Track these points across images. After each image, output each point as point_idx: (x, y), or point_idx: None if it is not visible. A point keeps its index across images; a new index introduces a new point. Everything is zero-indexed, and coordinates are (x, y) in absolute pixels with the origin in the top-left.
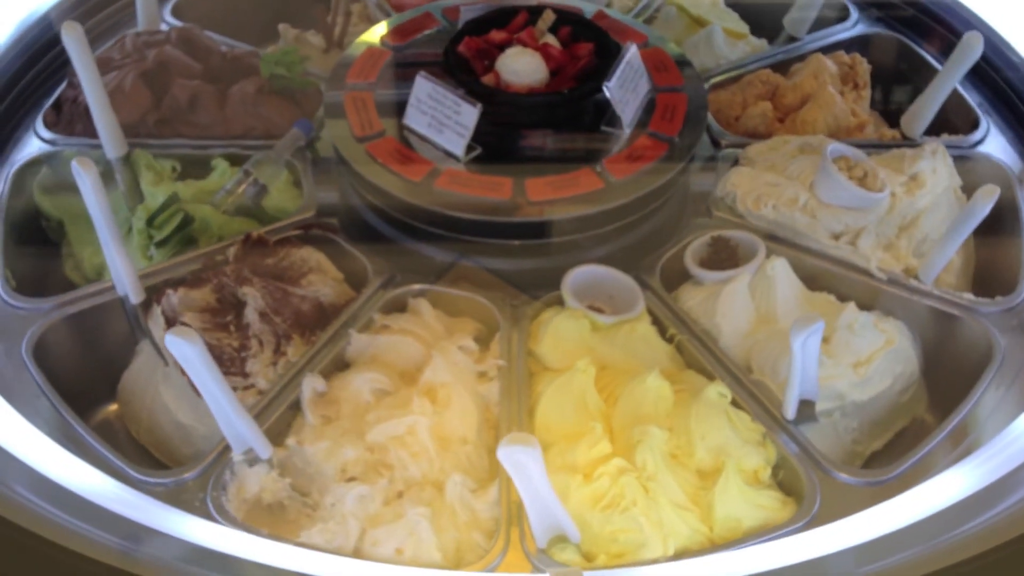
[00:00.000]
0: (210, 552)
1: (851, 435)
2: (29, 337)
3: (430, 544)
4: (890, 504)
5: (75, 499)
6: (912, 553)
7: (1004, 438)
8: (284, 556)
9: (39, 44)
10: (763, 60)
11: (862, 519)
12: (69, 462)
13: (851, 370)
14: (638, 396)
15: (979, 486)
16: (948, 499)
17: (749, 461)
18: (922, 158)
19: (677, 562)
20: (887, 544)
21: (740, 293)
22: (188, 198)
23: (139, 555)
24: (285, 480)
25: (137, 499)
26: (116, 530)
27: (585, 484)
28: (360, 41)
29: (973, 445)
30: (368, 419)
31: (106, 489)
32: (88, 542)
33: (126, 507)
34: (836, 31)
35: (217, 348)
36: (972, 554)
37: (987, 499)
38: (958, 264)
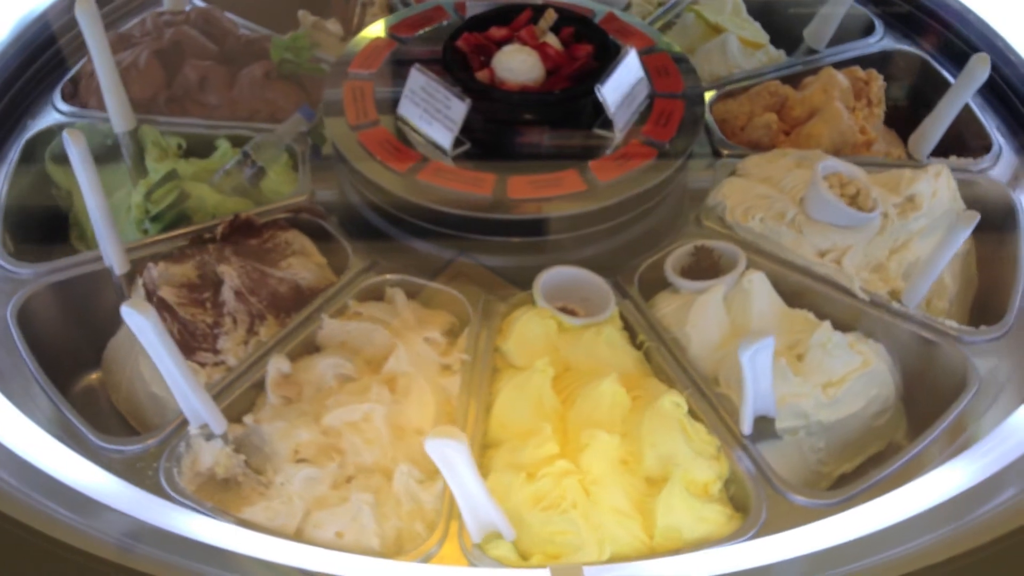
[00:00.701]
0: (149, 528)
1: (817, 455)
2: (15, 301)
3: (370, 531)
4: (831, 521)
5: (20, 463)
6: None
7: (964, 458)
8: (224, 534)
9: (68, 17)
10: (776, 71)
11: (800, 534)
12: (24, 426)
13: (819, 390)
14: (594, 399)
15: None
16: (889, 519)
17: (699, 473)
18: (920, 179)
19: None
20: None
21: (713, 304)
22: (188, 176)
23: (76, 525)
24: (240, 456)
25: (86, 467)
26: (58, 498)
27: (528, 483)
28: (369, 31)
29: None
30: (328, 403)
31: (58, 455)
32: (24, 507)
33: (74, 474)
34: (858, 46)
35: (191, 323)
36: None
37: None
38: (953, 290)
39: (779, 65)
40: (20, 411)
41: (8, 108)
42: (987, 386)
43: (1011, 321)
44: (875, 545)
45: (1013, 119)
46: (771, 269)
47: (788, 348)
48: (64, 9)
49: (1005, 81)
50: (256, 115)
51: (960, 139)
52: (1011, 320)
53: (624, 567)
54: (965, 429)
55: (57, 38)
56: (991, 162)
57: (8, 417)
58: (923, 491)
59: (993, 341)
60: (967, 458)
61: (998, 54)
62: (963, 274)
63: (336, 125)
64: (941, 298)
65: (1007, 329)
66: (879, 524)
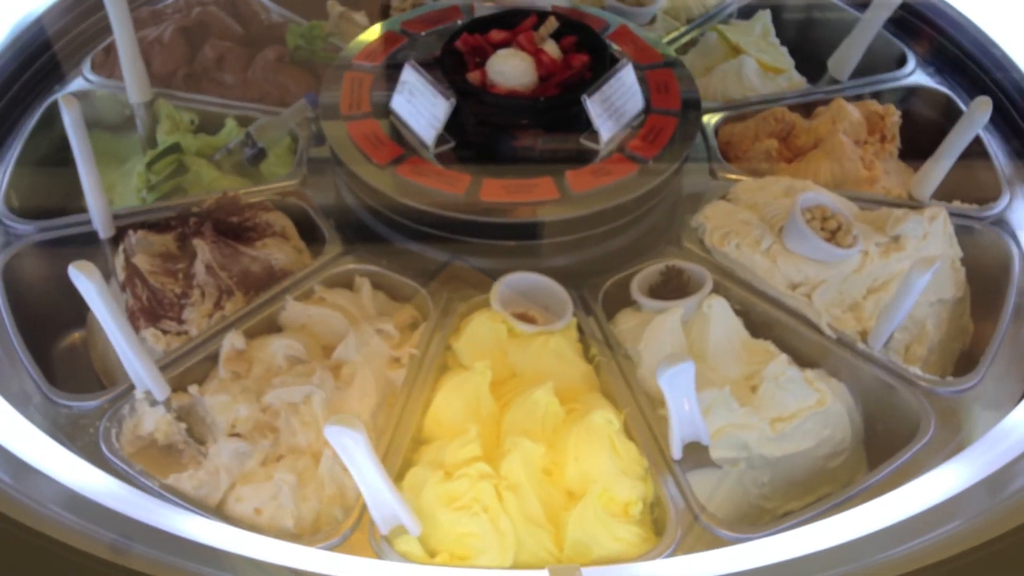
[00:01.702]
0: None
1: (760, 490)
2: (3, 255)
3: (287, 510)
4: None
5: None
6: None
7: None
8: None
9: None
10: (790, 98)
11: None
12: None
13: (767, 423)
14: (527, 407)
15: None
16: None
17: (621, 492)
18: (907, 220)
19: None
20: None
21: (670, 325)
22: (193, 151)
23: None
24: (181, 425)
25: (23, 424)
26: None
27: (444, 481)
28: (382, 25)
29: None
30: (273, 383)
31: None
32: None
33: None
34: (883, 79)
35: (160, 292)
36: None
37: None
38: (936, 338)
39: (794, 92)
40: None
41: (41, 74)
42: (941, 437)
43: (981, 374)
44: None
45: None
46: (742, 297)
47: (745, 378)
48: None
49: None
50: (266, 98)
51: (973, 184)
52: (981, 373)
53: (625, 568)
54: (911, 476)
55: (95, 9)
56: (997, 210)
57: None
58: (837, 527)
59: (958, 393)
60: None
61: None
62: (952, 323)
63: (329, 113)
64: (920, 344)
65: (975, 382)
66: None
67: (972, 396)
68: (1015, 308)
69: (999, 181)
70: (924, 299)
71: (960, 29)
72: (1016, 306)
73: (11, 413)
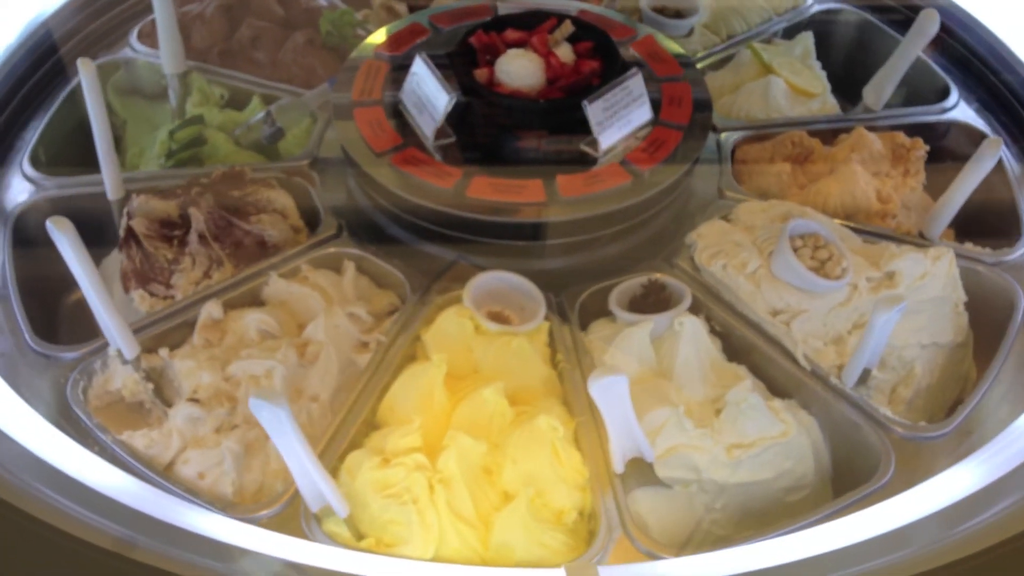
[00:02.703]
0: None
1: (711, 515)
2: (13, 208)
3: (228, 478)
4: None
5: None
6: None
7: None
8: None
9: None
10: (813, 123)
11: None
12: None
13: (722, 448)
14: (476, 404)
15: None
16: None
17: (556, 499)
18: (903, 257)
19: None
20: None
21: (639, 339)
22: (215, 124)
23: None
24: (149, 385)
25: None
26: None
27: (380, 468)
28: (411, 17)
29: None
30: (241, 354)
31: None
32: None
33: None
34: (917, 111)
35: (153, 256)
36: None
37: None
38: (926, 382)
39: (820, 117)
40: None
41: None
42: (899, 481)
43: (955, 423)
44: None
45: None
46: (723, 319)
47: (711, 400)
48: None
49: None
50: (294, 79)
51: (991, 223)
52: (955, 422)
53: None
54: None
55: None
56: (1013, 256)
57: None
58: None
59: (929, 440)
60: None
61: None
62: (948, 368)
63: (340, 98)
64: (907, 387)
65: (946, 431)
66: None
67: (944, 445)
68: (1006, 361)
69: (1022, 226)
70: (915, 340)
71: (1008, 66)
72: (1008, 360)
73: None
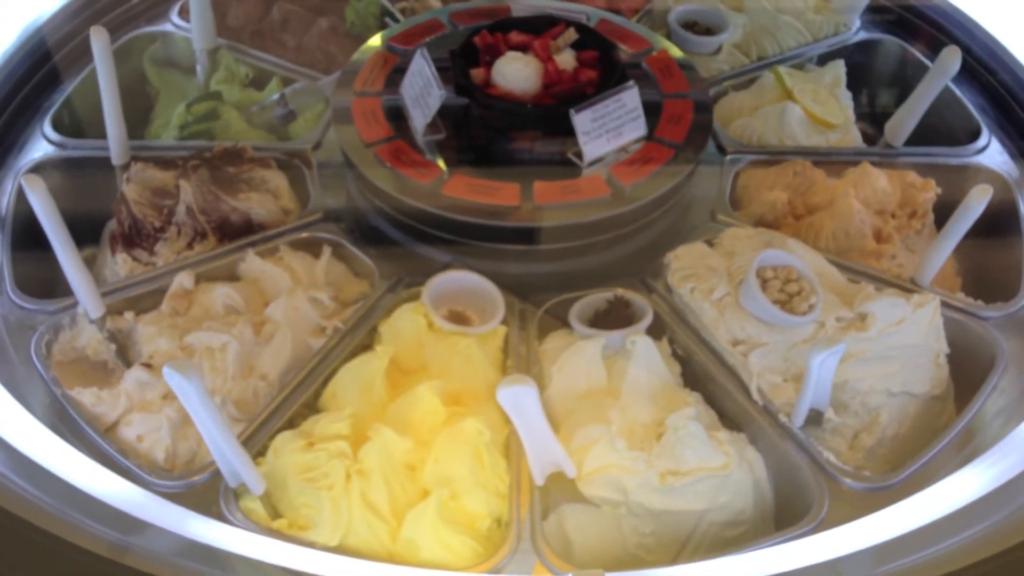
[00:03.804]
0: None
1: (638, 539)
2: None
3: (163, 444)
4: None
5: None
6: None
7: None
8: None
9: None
10: (820, 155)
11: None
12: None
13: (655, 473)
14: (411, 401)
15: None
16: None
17: (472, 503)
18: (878, 299)
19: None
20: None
21: (589, 353)
22: (233, 102)
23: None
24: (111, 345)
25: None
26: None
27: (303, 451)
28: (431, 13)
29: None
30: (203, 326)
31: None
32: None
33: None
34: (939, 152)
35: (140, 222)
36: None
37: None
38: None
39: (830, 149)
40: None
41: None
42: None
43: (901, 476)
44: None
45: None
46: (686, 343)
47: (656, 423)
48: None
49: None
50: (315, 64)
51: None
52: (902, 476)
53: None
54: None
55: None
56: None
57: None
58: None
59: (872, 490)
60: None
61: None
62: (921, 420)
63: (344, 86)
64: (870, 434)
65: (890, 483)
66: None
67: (881, 496)
68: (975, 418)
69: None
70: (883, 386)
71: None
72: (977, 417)
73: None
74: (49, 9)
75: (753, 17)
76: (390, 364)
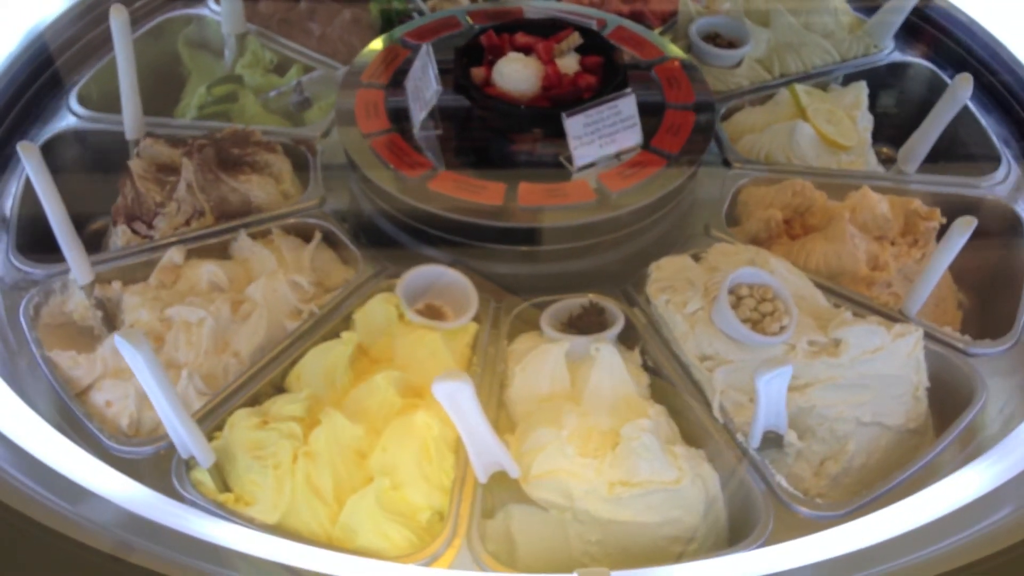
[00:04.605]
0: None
1: (586, 547)
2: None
3: (127, 411)
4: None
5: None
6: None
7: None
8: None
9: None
10: (825, 177)
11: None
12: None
13: (603, 481)
14: (368, 389)
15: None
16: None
17: (415, 495)
18: (852, 326)
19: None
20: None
21: (553, 356)
22: (253, 87)
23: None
24: (98, 312)
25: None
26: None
27: (256, 428)
28: (449, 10)
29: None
30: (187, 300)
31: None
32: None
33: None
34: (952, 182)
35: (143, 195)
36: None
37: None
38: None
39: (837, 171)
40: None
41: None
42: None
43: (851, 507)
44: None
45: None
46: (656, 356)
47: (614, 432)
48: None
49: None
50: (336, 55)
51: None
52: (852, 506)
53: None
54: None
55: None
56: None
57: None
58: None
59: (818, 519)
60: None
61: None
62: (893, 453)
63: (352, 77)
64: (836, 462)
65: (839, 513)
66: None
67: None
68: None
69: (1016, 319)
70: (852, 414)
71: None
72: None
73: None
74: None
75: (778, 33)
76: (360, 352)
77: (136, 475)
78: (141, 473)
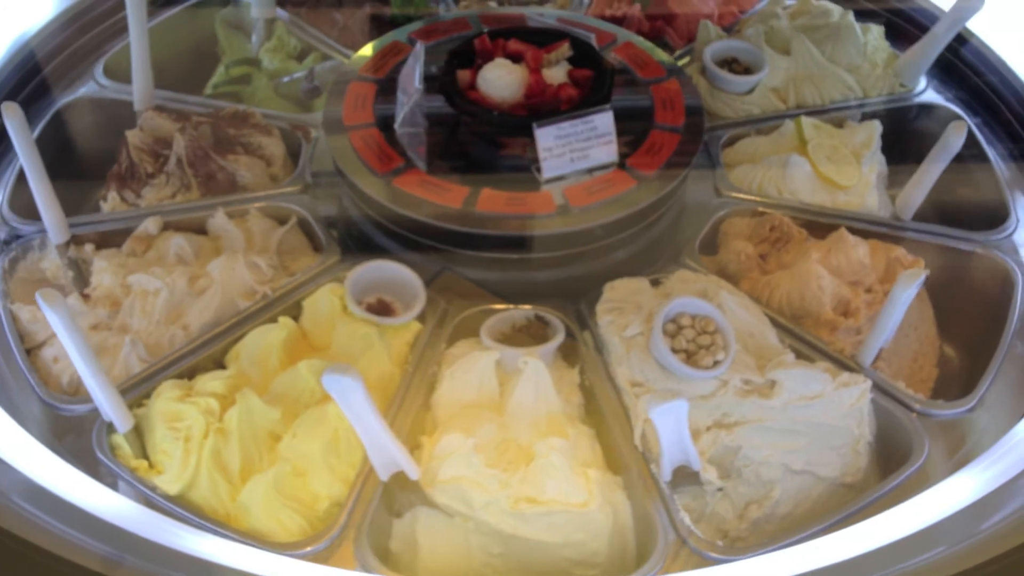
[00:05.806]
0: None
1: (486, 558)
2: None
3: (69, 371)
4: None
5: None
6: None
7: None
8: None
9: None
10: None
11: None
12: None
13: (506, 495)
14: (291, 376)
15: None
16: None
17: (317, 484)
18: (788, 368)
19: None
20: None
21: (482, 364)
22: (271, 71)
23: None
24: (69, 272)
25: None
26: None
27: (176, 400)
28: (459, 12)
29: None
30: (151, 270)
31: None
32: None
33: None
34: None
35: (136, 165)
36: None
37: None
38: (785, 509)
39: (821, 211)
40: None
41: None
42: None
43: (749, 555)
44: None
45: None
46: (593, 376)
47: (532, 447)
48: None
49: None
50: (354, 46)
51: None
52: (751, 554)
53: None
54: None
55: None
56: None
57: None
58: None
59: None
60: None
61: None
62: (826, 507)
63: (349, 68)
64: (759, 507)
65: (739, 557)
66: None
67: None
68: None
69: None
70: (780, 460)
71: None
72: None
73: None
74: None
75: (798, 62)
76: (302, 338)
77: (62, 433)
78: (67, 431)
